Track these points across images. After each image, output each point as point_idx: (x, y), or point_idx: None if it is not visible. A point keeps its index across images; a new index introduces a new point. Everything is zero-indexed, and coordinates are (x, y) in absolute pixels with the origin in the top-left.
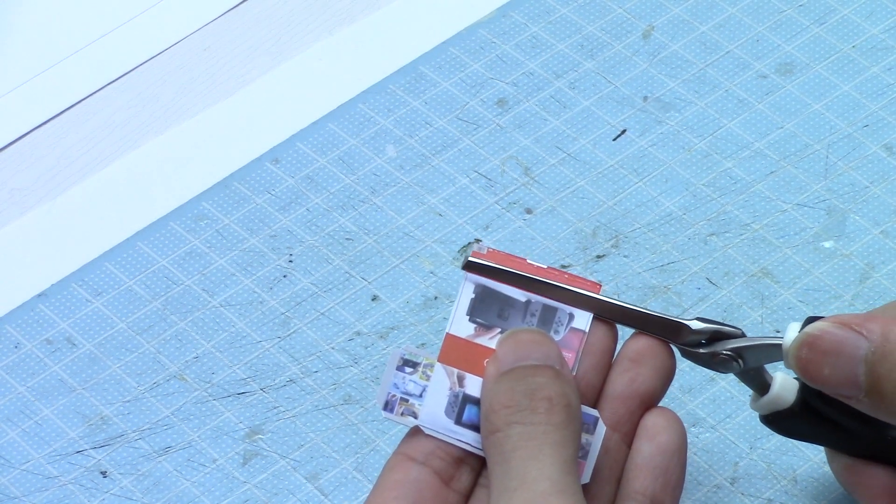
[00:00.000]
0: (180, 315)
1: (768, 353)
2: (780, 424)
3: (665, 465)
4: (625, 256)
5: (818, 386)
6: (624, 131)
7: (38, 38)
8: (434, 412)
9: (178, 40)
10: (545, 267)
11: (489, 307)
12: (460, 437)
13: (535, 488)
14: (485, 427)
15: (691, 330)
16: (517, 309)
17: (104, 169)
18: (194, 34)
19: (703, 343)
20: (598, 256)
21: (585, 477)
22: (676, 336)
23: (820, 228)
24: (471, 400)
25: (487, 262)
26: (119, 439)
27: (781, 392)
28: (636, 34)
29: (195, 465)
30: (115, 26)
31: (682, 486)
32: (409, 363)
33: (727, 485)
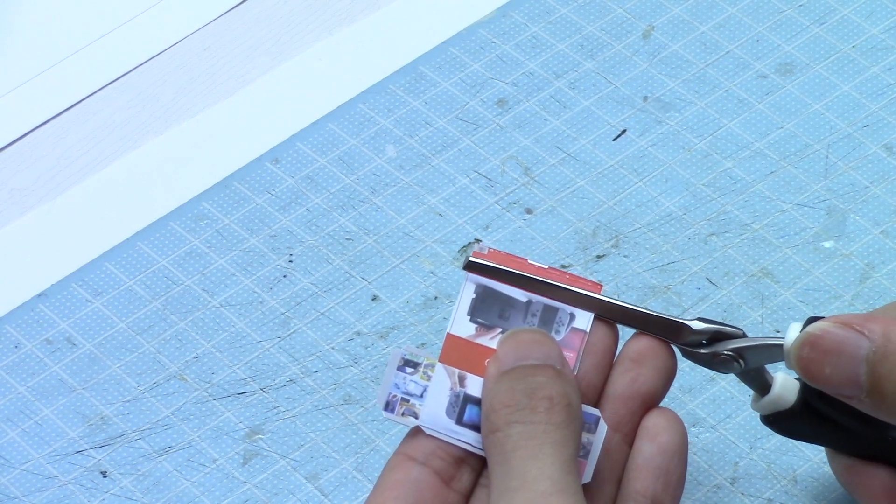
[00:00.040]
0: (180, 315)
1: (769, 354)
2: (780, 425)
3: (666, 465)
4: (625, 256)
5: (819, 386)
6: (624, 131)
7: (38, 38)
8: (435, 412)
9: (178, 40)
10: (546, 267)
11: (490, 307)
12: (461, 437)
13: (536, 488)
14: (485, 426)
15: (692, 330)
16: (518, 309)
17: (104, 169)
18: (194, 34)
19: (703, 343)
20: (598, 256)
21: (587, 476)
22: (677, 336)
23: (820, 228)
24: (472, 400)
25: (488, 262)
26: (119, 439)
27: (782, 392)
28: (636, 34)
29: (195, 465)
30: (115, 26)
31: (683, 486)
32: (409, 363)
33: (727, 485)
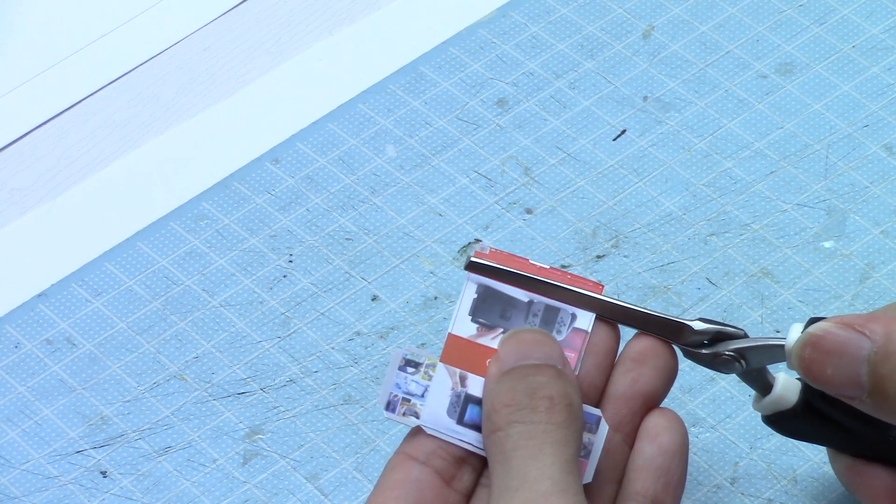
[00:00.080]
0: (180, 315)
1: (771, 354)
2: (782, 425)
3: (666, 465)
4: (625, 256)
5: (821, 386)
6: (624, 131)
7: (38, 38)
8: (436, 412)
9: (178, 40)
10: (547, 267)
11: (491, 307)
12: (462, 437)
13: (537, 488)
14: (486, 426)
15: (694, 330)
16: (519, 309)
17: (104, 169)
18: (194, 34)
19: (705, 343)
20: (598, 256)
21: (587, 476)
22: (679, 336)
23: (820, 228)
24: (473, 400)
25: (490, 262)
26: (119, 439)
27: (784, 392)
28: (636, 34)
29: (195, 465)
30: (115, 26)
31: (684, 486)
32: (411, 363)
33: (727, 485)
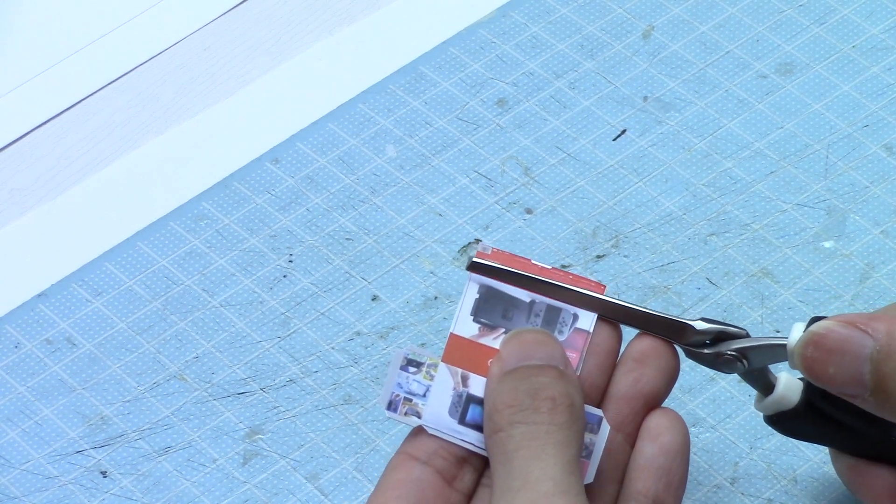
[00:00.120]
0: (180, 315)
1: (773, 354)
2: (784, 425)
3: (668, 465)
4: (625, 256)
5: (823, 385)
6: (624, 131)
7: (38, 38)
8: (437, 412)
9: (178, 40)
10: (549, 267)
11: (493, 307)
12: (464, 437)
13: (538, 488)
14: (488, 426)
15: (695, 330)
16: (521, 309)
17: (104, 169)
18: (194, 34)
19: (707, 343)
20: (598, 256)
21: (589, 476)
22: (680, 336)
23: (820, 228)
24: (474, 400)
25: (492, 262)
26: (119, 439)
27: (786, 392)
28: (636, 34)
29: (195, 465)
30: (115, 26)
31: (685, 486)
32: (412, 363)
33: (727, 485)
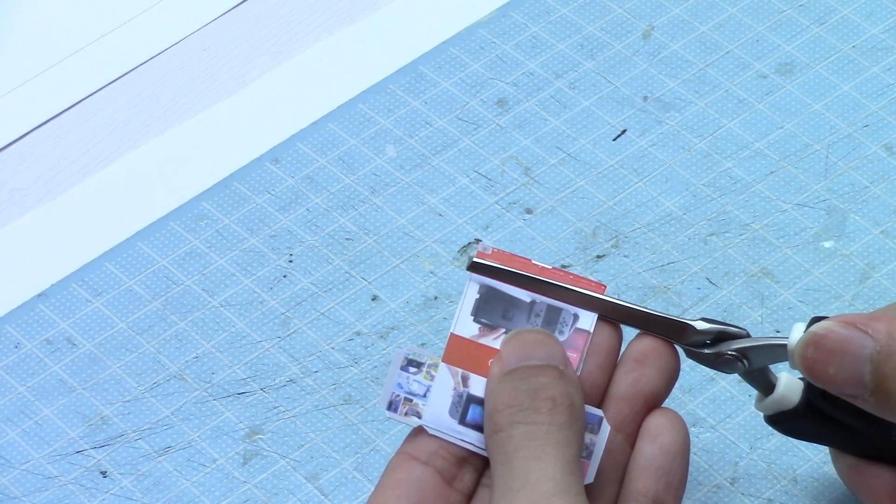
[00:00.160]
0: (180, 315)
1: (773, 354)
2: (784, 425)
3: (668, 465)
4: (625, 256)
5: (823, 385)
6: (624, 131)
7: (38, 38)
8: (438, 412)
9: (178, 40)
10: (549, 267)
11: (494, 307)
12: (464, 437)
13: (538, 489)
14: (488, 427)
15: (696, 330)
16: (521, 309)
17: (104, 169)
18: (194, 34)
19: (707, 343)
20: (598, 256)
21: (589, 477)
22: (681, 336)
23: (820, 228)
24: (475, 400)
25: (492, 262)
26: (119, 439)
27: (786, 392)
28: (636, 34)
29: (195, 465)
30: (115, 26)
31: (685, 486)
32: (413, 363)
33: (727, 485)
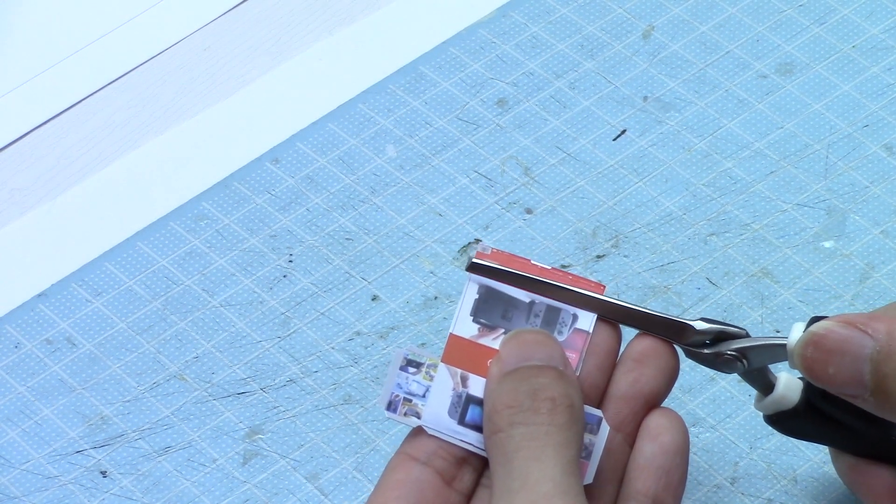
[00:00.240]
0: (180, 315)
1: (773, 353)
2: (784, 424)
3: (667, 465)
4: (625, 256)
5: (823, 385)
6: (624, 131)
7: (38, 38)
8: (437, 412)
9: (178, 40)
10: (549, 268)
11: (493, 308)
12: (463, 438)
13: (538, 489)
14: (487, 427)
15: (695, 330)
16: (521, 310)
17: (104, 169)
18: (194, 34)
19: (706, 343)
20: (598, 256)
21: (589, 477)
22: (680, 336)
23: (820, 228)
24: (474, 400)
25: (491, 262)
26: (119, 439)
27: (786, 392)
28: (636, 34)
29: (195, 465)
30: (115, 26)
31: (685, 486)
32: (412, 363)
33: (727, 485)
